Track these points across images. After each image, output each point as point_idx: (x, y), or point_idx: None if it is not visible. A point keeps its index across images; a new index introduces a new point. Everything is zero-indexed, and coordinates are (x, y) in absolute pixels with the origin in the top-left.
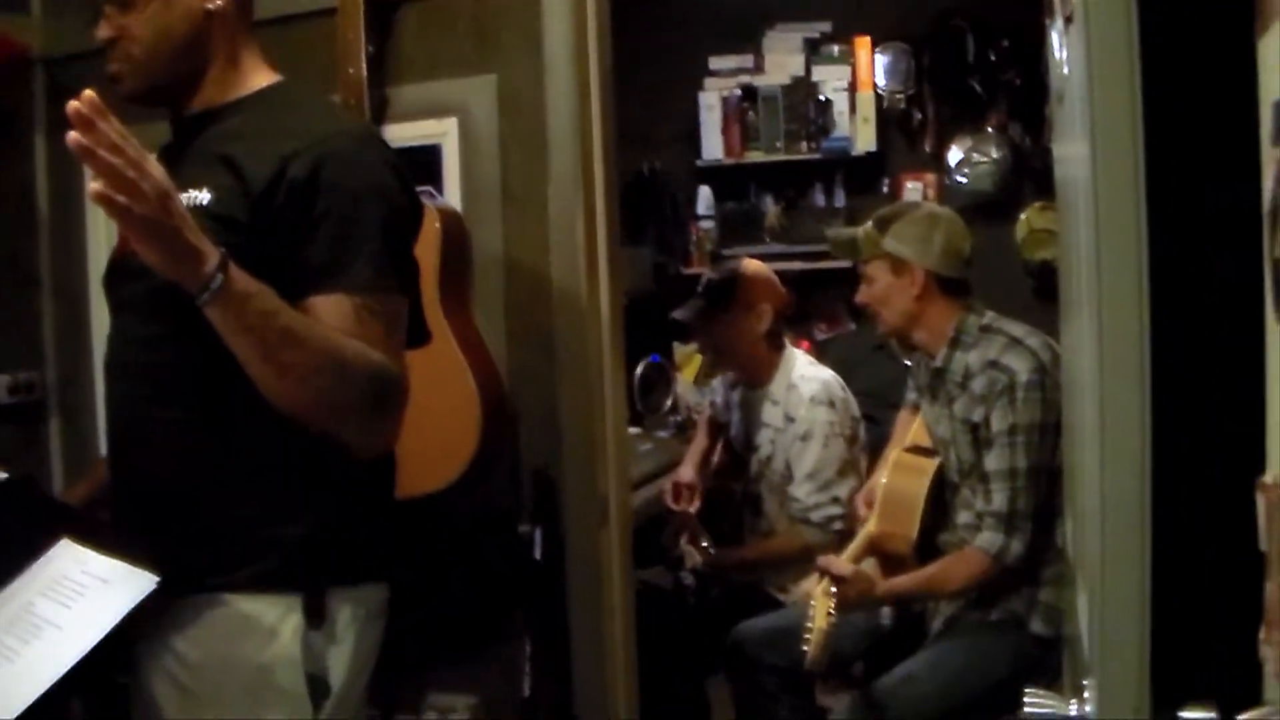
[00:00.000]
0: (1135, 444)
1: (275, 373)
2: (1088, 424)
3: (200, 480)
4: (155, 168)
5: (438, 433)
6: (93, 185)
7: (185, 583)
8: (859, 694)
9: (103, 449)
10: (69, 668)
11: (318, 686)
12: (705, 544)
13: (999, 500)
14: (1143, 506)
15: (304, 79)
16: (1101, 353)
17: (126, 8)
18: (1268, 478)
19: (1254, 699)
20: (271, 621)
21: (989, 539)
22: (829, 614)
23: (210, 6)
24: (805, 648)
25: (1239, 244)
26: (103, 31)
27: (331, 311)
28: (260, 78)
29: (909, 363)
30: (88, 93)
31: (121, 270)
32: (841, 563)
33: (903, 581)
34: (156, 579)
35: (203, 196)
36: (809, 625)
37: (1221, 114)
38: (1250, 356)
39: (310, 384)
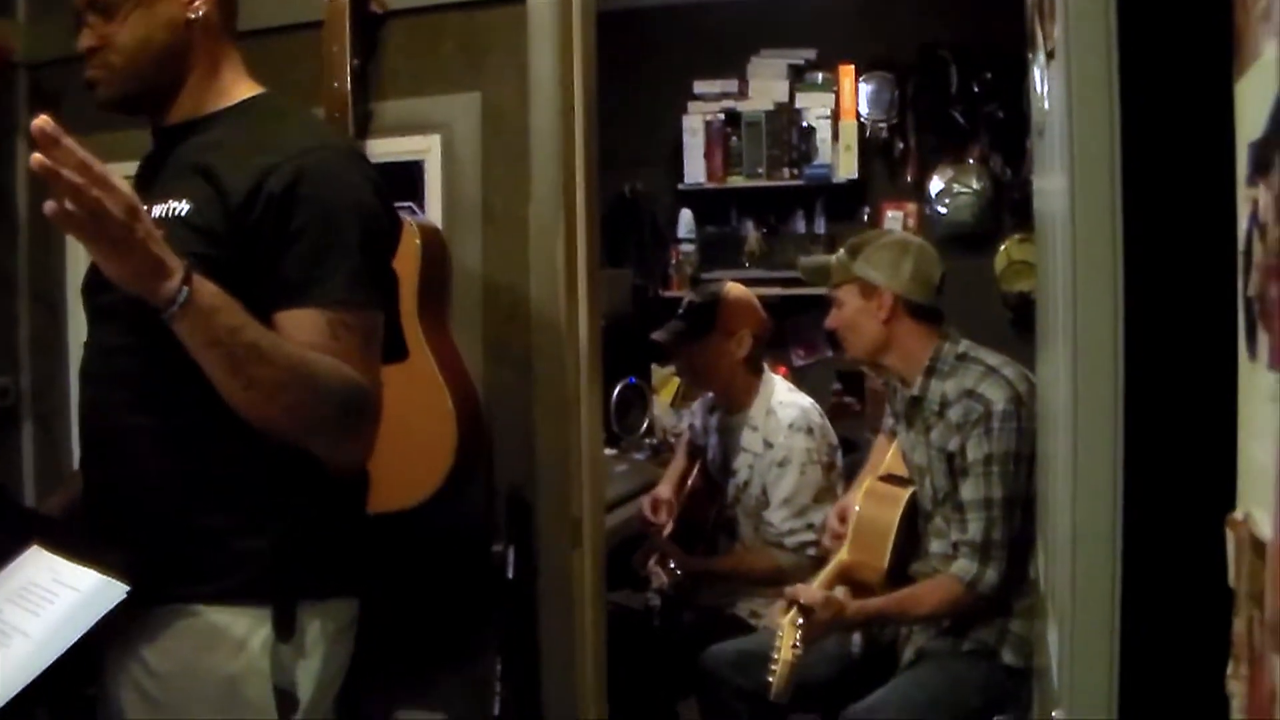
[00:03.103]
0: (1107, 477)
1: (243, 386)
2: (1060, 456)
3: (172, 490)
4: (121, 184)
5: (412, 449)
6: (48, 205)
7: (154, 592)
8: None
9: (76, 456)
10: (35, 676)
11: (285, 700)
12: (673, 565)
13: (974, 529)
14: (1114, 540)
15: (288, 92)
16: (1075, 385)
17: (109, 16)
18: (1238, 514)
19: None
20: (240, 633)
21: (963, 567)
22: (794, 646)
23: (192, 16)
24: (770, 679)
25: (1214, 281)
26: (85, 40)
27: (305, 326)
28: (242, 89)
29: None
30: (43, 117)
31: (99, 279)
32: (811, 591)
33: (874, 602)
34: (127, 589)
35: (182, 207)
36: (774, 656)
37: (1199, 153)
38: (1223, 393)
39: (278, 399)
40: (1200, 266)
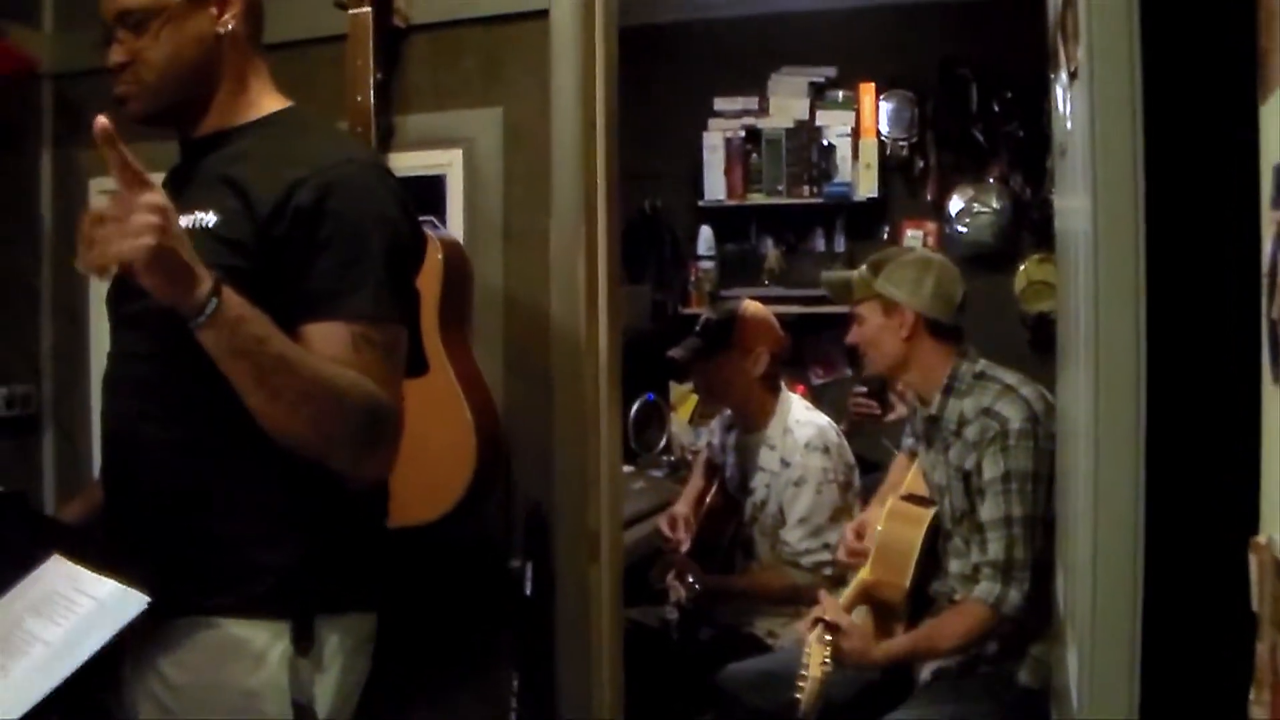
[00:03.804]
0: (1128, 498)
1: (267, 398)
2: (1081, 476)
3: (193, 500)
4: (157, 190)
5: (432, 464)
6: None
7: (174, 604)
8: None
9: (97, 465)
10: (55, 685)
11: (303, 714)
12: (692, 580)
13: (995, 549)
14: (1135, 561)
15: (311, 105)
16: (1097, 406)
17: (139, 31)
18: (1261, 538)
19: None
20: (259, 647)
21: (986, 589)
22: (824, 663)
23: (221, 30)
24: (798, 695)
25: (1237, 303)
26: (116, 55)
27: (329, 339)
28: (270, 102)
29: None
30: (102, 119)
31: (124, 288)
32: (836, 608)
33: (901, 642)
34: (148, 599)
35: (209, 218)
36: (803, 673)
37: (1223, 174)
38: (1246, 416)
39: (302, 411)
40: (1223, 288)
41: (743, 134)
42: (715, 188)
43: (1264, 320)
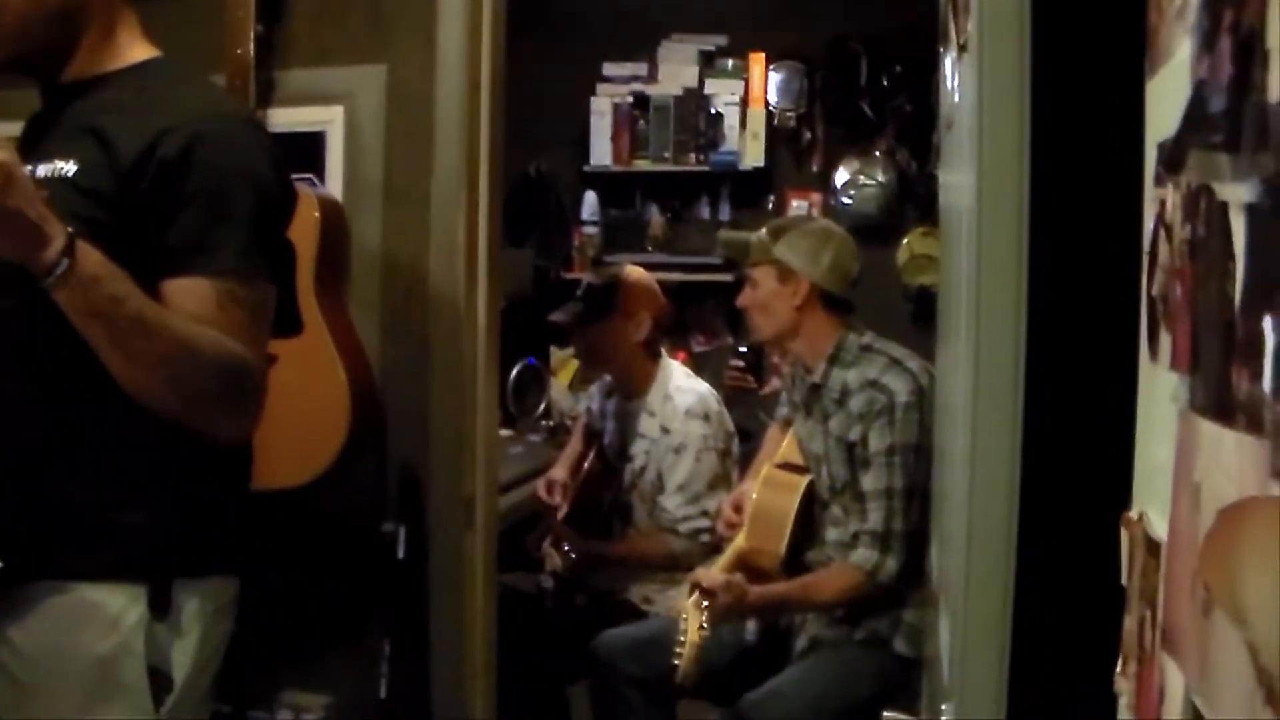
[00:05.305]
0: (1005, 471)
1: (124, 358)
2: (959, 449)
3: (45, 462)
4: (2, 147)
5: (305, 425)
6: None
7: (25, 568)
8: (725, 710)
9: None
10: None
11: (159, 680)
12: (567, 548)
13: (875, 519)
14: (1009, 534)
15: (190, 57)
16: (976, 380)
17: None
18: (1133, 513)
19: None
20: (114, 611)
21: (864, 556)
22: (701, 628)
23: None
24: (676, 661)
25: (1118, 280)
26: None
27: (192, 295)
28: (138, 51)
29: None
30: None
31: None
32: (712, 575)
33: (777, 588)
34: None
35: (69, 168)
36: (681, 639)
37: (1108, 152)
38: (1121, 392)
39: (160, 371)
40: (1105, 265)
41: (631, 100)
42: (602, 153)
43: (1143, 298)
